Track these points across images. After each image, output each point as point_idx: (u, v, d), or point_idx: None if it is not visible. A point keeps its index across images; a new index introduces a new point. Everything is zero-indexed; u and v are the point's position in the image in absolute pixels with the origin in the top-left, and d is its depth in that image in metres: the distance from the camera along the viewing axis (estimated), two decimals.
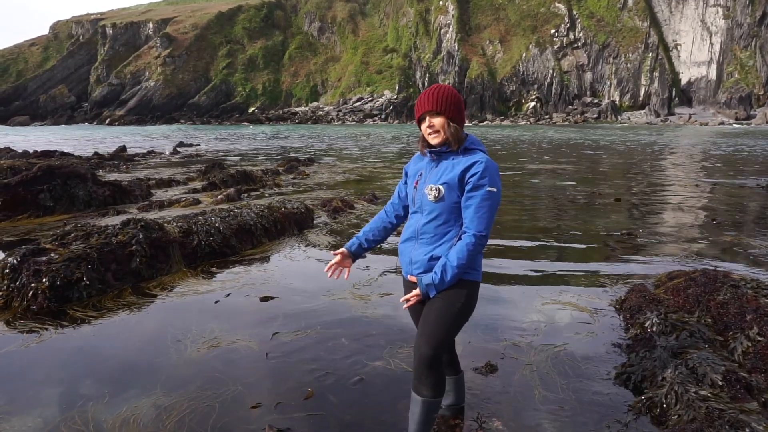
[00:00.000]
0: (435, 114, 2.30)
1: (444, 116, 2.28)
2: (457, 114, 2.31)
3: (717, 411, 2.51)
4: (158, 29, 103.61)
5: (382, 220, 2.62)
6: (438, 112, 2.29)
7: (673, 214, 8.81)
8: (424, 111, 2.32)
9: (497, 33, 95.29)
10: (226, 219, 6.06)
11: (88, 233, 5.02)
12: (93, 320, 4.00)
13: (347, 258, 2.55)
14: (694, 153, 23.96)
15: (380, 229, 2.61)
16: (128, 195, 9.34)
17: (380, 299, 4.47)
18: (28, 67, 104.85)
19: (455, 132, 2.29)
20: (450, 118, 2.28)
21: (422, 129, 2.36)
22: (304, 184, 12.28)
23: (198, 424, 2.66)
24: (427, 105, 2.31)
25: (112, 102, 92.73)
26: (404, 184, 2.57)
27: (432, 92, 2.32)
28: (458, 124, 2.31)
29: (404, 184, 2.57)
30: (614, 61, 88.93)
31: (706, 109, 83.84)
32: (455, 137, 2.29)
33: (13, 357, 3.41)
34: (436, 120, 2.30)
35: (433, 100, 2.29)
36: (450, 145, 2.30)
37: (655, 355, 3.14)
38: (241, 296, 4.54)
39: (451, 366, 2.65)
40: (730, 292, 3.76)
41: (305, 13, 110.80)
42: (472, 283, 2.30)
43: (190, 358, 3.37)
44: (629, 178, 14.14)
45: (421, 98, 2.35)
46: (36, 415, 2.74)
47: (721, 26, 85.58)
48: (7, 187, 7.94)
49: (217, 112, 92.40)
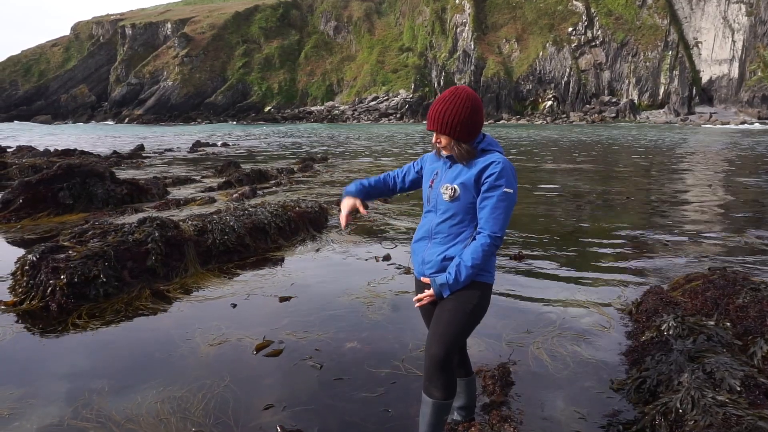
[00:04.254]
0: (441, 134, 2.24)
1: (450, 137, 2.22)
2: (466, 134, 2.20)
3: (735, 417, 2.46)
4: (176, 29, 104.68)
5: (383, 179, 2.62)
6: (443, 134, 2.23)
7: (693, 214, 8.66)
8: (429, 129, 2.27)
9: (514, 31, 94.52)
10: (241, 218, 6.10)
11: (105, 231, 5.09)
12: (109, 317, 4.05)
13: (353, 203, 2.52)
14: (714, 152, 23.52)
15: (381, 181, 2.61)
16: (145, 193, 9.45)
17: (395, 298, 4.48)
18: (50, 67, 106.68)
19: (464, 152, 2.22)
20: (457, 139, 2.21)
21: (433, 138, 2.32)
22: (319, 182, 12.32)
23: (220, 411, 2.69)
24: (431, 123, 2.24)
25: (131, 101, 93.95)
26: (414, 170, 2.56)
27: (438, 109, 2.22)
28: (468, 140, 2.23)
29: (414, 170, 2.56)
30: (633, 59, 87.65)
31: (728, 108, 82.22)
32: (464, 156, 2.23)
33: (36, 350, 3.47)
34: (443, 139, 2.25)
35: (438, 121, 2.21)
36: (459, 162, 2.26)
37: (671, 359, 3.08)
38: (258, 296, 4.57)
39: (463, 368, 2.63)
40: (749, 295, 3.68)
41: (321, 13, 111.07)
42: (485, 285, 2.28)
43: (205, 355, 3.40)
44: (647, 178, 13.93)
45: (430, 111, 2.27)
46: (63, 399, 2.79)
47: (744, 23, 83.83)
48: (29, 185, 8.09)
49: (234, 111, 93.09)
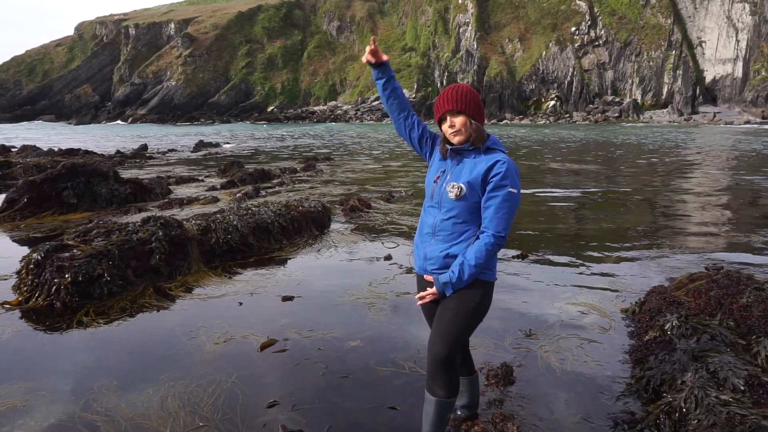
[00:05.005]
0: (456, 113, 2.28)
1: (465, 115, 2.27)
2: (478, 112, 2.29)
3: (738, 416, 2.45)
4: (179, 29, 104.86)
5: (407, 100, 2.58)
6: (459, 111, 2.27)
7: (697, 214, 8.64)
8: (445, 110, 2.29)
9: (517, 31, 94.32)
10: (244, 217, 6.11)
11: (109, 230, 5.10)
12: (114, 315, 4.07)
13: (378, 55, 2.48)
14: (719, 151, 23.44)
15: (405, 98, 2.57)
16: (149, 192, 9.48)
17: (397, 298, 4.48)
18: (54, 67, 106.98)
19: (477, 130, 2.28)
20: (471, 116, 2.27)
21: (443, 129, 2.34)
22: (322, 182, 12.33)
23: (229, 407, 2.70)
24: (448, 104, 2.28)
25: (134, 101, 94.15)
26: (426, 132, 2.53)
27: (451, 91, 2.30)
28: (479, 122, 2.30)
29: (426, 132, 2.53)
30: (636, 59, 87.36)
31: (732, 107, 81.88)
32: (478, 135, 2.28)
33: (43, 347, 3.49)
34: (458, 119, 2.28)
35: (454, 99, 2.27)
36: (474, 143, 2.28)
37: (674, 359, 3.08)
38: (261, 295, 4.58)
39: (466, 366, 2.63)
40: (753, 294, 3.68)
41: (324, 13, 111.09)
42: (487, 284, 2.28)
43: (212, 353, 3.42)
44: (651, 177, 13.90)
45: (441, 98, 2.32)
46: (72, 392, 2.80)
47: (748, 23, 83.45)
48: (33, 184, 8.13)
49: (237, 111, 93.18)
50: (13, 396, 2.90)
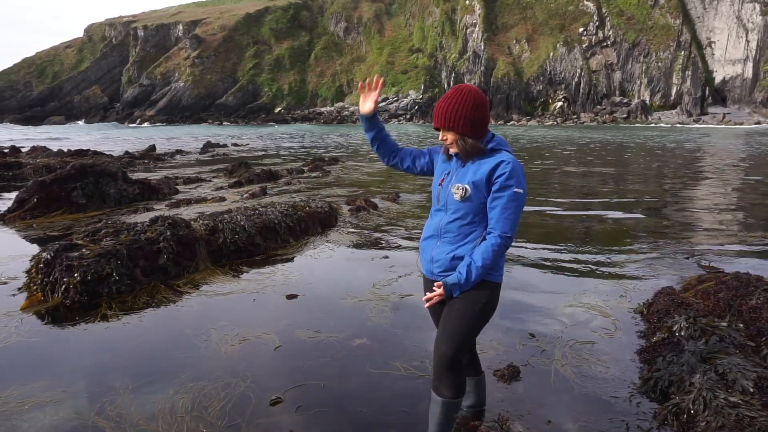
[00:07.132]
0: (446, 129, 2.25)
1: (455, 132, 2.23)
2: (470, 129, 2.21)
3: (747, 418, 2.44)
4: (188, 31, 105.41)
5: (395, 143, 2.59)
6: (447, 129, 2.23)
7: (706, 215, 8.57)
8: (435, 126, 2.29)
9: (524, 32, 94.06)
10: (251, 217, 6.13)
11: (117, 230, 5.14)
12: (123, 315, 4.10)
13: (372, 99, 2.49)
14: (729, 152, 23.25)
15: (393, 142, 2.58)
16: (157, 193, 9.54)
17: (400, 300, 4.48)
18: (64, 69, 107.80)
19: (470, 147, 2.23)
20: (461, 133, 2.22)
21: (440, 137, 2.33)
22: (328, 182, 12.35)
23: (235, 411, 2.72)
24: (436, 121, 2.26)
25: (142, 102, 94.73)
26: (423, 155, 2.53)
27: (442, 106, 2.24)
28: (475, 134, 2.23)
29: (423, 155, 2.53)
30: (645, 59, 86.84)
31: (741, 108, 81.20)
32: (472, 151, 2.23)
33: (55, 347, 3.52)
34: (449, 134, 2.25)
35: (442, 116, 2.23)
36: (466, 158, 2.26)
37: (683, 360, 3.06)
38: (266, 294, 4.60)
39: (472, 367, 2.63)
40: (763, 296, 3.65)
41: (331, 14, 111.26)
42: (494, 284, 2.28)
43: (220, 353, 3.43)
44: (660, 178, 13.81)
45: (436, 108, 2.28)
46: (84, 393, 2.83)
47: (758, 23, 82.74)
48: (43, 184, 8.20)
49: (244, 112, 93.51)
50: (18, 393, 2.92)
